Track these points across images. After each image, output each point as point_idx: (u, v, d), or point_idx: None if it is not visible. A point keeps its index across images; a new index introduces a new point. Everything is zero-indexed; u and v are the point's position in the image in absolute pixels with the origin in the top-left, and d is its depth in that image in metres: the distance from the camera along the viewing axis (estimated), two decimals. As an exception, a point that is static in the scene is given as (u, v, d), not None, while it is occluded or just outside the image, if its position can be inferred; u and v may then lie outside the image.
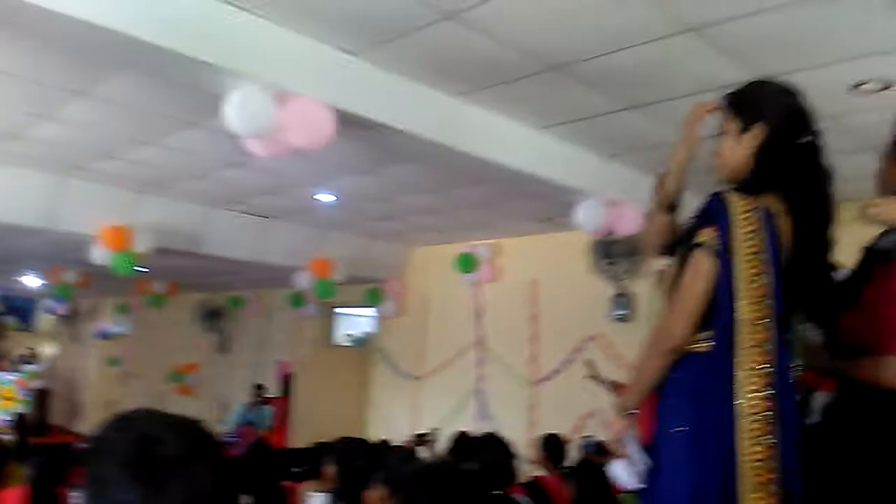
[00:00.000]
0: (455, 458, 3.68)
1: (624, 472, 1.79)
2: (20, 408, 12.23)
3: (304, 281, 7.26)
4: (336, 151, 3.89)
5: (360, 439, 4.98)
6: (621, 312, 6.19)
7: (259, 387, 8.47)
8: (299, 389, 8.49)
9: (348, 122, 3.29)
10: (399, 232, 7.30)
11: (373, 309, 8.36)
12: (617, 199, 4.67)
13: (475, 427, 6.25)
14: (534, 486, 3.54)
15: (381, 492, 3.00)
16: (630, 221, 4.71)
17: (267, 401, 8.47)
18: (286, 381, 8.80)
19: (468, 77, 3.51)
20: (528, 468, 4.44)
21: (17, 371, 13.36)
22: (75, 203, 5.75)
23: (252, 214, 6.70)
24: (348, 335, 10.05)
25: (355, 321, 10.09)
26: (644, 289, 5.96)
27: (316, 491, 4.08)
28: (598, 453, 4.64)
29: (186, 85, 3.22)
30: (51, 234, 6.06)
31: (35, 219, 5.69)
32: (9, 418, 11.19)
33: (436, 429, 6.49)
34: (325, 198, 5.94)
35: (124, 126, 4.37)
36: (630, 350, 5.44)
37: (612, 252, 6.19)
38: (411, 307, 8.01)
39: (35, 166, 5.40)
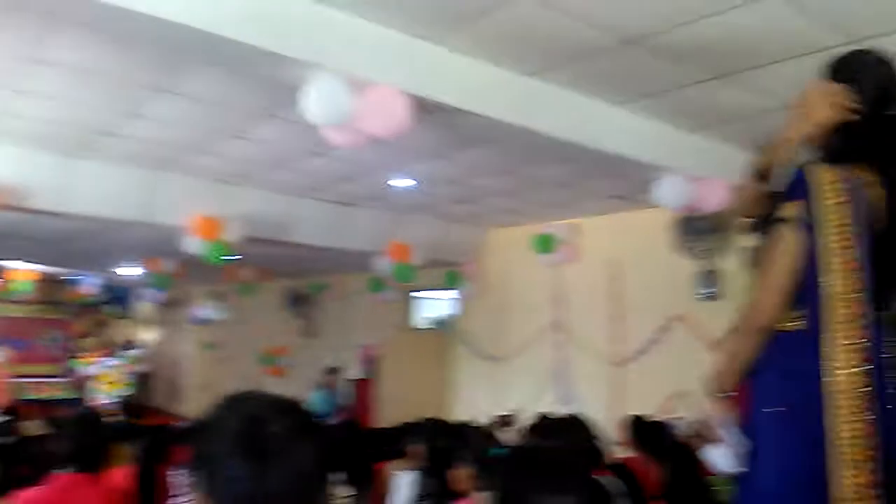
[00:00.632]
0: (538, 439, 3.69)
1: (721, 456, 1.76)
2: (125, 391, 13.05)
3: (383, 266, 7.39)
4: (413, 137, 3.92)
5: (444, 420, 5.06)
6: (708, 291, 6.01)
7: (332, 370, 8.63)
8: (383, 371, 8.68)
9: (424, 108, 3.32)
10: (476, 214, 7.32)
11: (452, 292, 8.43)
12: (700, 175, 4.52)
13: (557, 408, 6.24)
14: (621, 469, 3.51)
15: (469, 471, 3.05)
16: (715, 197, 4.56)
17: (333, 384, 8.61)
18: (370, 365, 9.01)
19: (543, 56, 3.47)
20: (615, 450, 4.40)
21: (120, 356, 14.23)
22: (169, 196, 6.04)
23: (334, 202, 6.86)
24: (428, 318, 10.17)
25: (434, 304, 10.20)
26: (732, 266, 5.76)
27: (402, 469, 4.18)
28: (690, 436, 4.55)
29: (267, 78, 3.32)
30: (147, 227, 6.39)
31: (132, 212, 6.01)
32: (115, 400, 11.96)
33: (517, 410, 6.51)
34: (404, 183, 6.02)
35: (210, 121, 4.55)
36: (718, 330, 5.29)
37: (697, 229, 6.00)
38: (490, 289, 8.03)
39: (130, 162, 5.70)
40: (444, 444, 4.32)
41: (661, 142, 4.39)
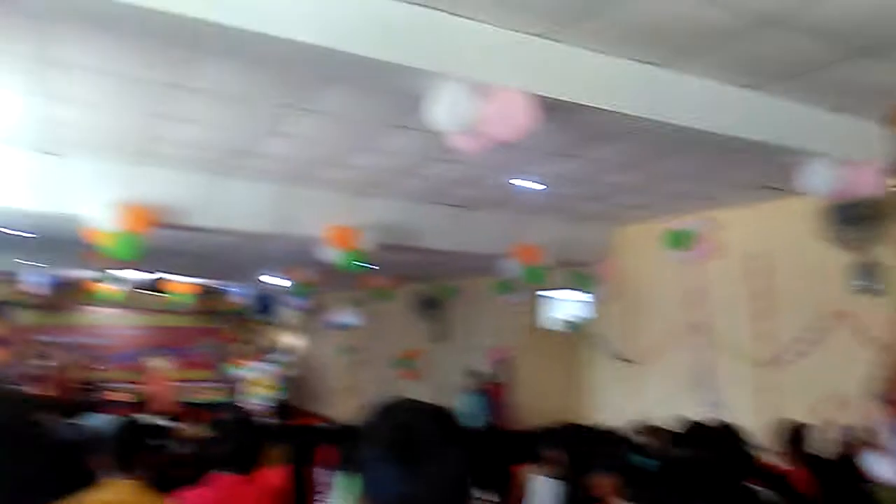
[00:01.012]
0: (687, 447, 3.53)
1: (884, 464, 1.60)
2: (275, 394, 13.86)
3: (511, 268, 7.37)
4: (538, 137, 3.88)
5: (584, 425, 4.96)
6: (865, 284, 5.50)
7: (476, 374, 8.61)
8: (515, 375, 8.67)
9: (549, 108, 3.28)
10: (605, 212, 7.14)
11: (582, 292, 8.27)
12: (850, 158, 4.15)
13: (700, 413, 5.95)
14: (776, 478, 3.28)
15: (610, 479, 2.96)
16: (867, 181, 4.17)
17: (482, 388, 8.60)
18: (500, 367, 9.02)
19: (672, 44, 3.32)
20: (766, 457, 4.13)
21: (269, 361, 15.12)
22: (305, 209, 6.36)
23: (459, 206, 6.94)
24: (559, 320, 10.03)
25: (565, 305, 10.04)
26: (893, 257, 5.25)
27: (540, 474, 4.14)
28: (849, 443, 4.19)
29: (394, 90, 3.41)
30: (286, 239, 6.77)
31: (271, 225, 6.38)
32: (266, 403, 12.73)
33: (656, 414, 6.27)
34: (529, 184, 5.98)
35: (341, 135, 4.74)
36: (880, 327, 4.83)
37: (851, 217, 5.51)
38: (623, 289, 7.81)
39: (268, 178, 6.06)
40: (583, 450, 4.24)
41: (804, 125, 4.07)
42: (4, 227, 7.29)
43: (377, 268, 9.20)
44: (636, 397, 7.41)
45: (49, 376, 12.99)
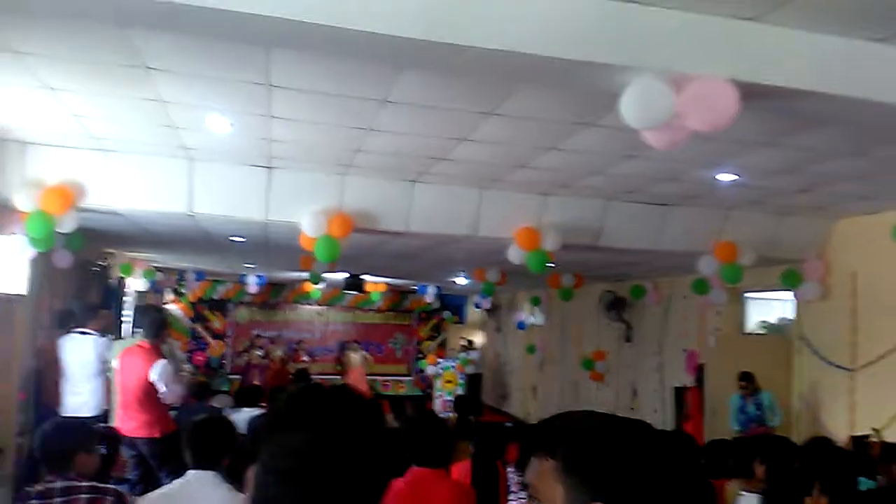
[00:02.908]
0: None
1: None
2: (458, 390, 14.28)
3: (708, 266, 6.96)
4: (737, 127, 3.63)
5: (790, 439, 4.56)
6: None
7: (746, 376, 7.38)
8: (711, 379, 8.17)
9: (750, 94, 3.05)
10: (816, 205, 6.49)
11: (790, 292, 7.59)
12: None
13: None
14: None
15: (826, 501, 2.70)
16: None
17: (757, 389, 7.36)
18: (697, 372, 8.56)
19: (890, 15, 2.94)
20: None
21: (456, 358, 15.61)
22: (493, 211, 6.47)
23: (650, 203, 6.68)
24: (762, 322, 9.31)
25: (769, 306, 9.30)
26: None
27: (746, 490, 3.87)
28: None
29: (584, 88, 3.35)
30: (474, 240, 6.93)
31: (462, 228, 6.56)
32: (452, 399, 13.14)
33: (878, 429, 5.62)
34: (728, 177, 5.60)
35: (529, 137, 4.75)
36: None
37: None
38: (836, 288, 7.05)
39: (459, 182, 6.23)
40: (792, 465, 3.90)
41: None
42: (230, 235, 8.21)
43: (559, 267, 9.13)
44: (854, 409, 6.66)
45: (263, 367, 14.40)
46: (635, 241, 6.93)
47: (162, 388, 5.54)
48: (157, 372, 5.56)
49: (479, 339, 18.17)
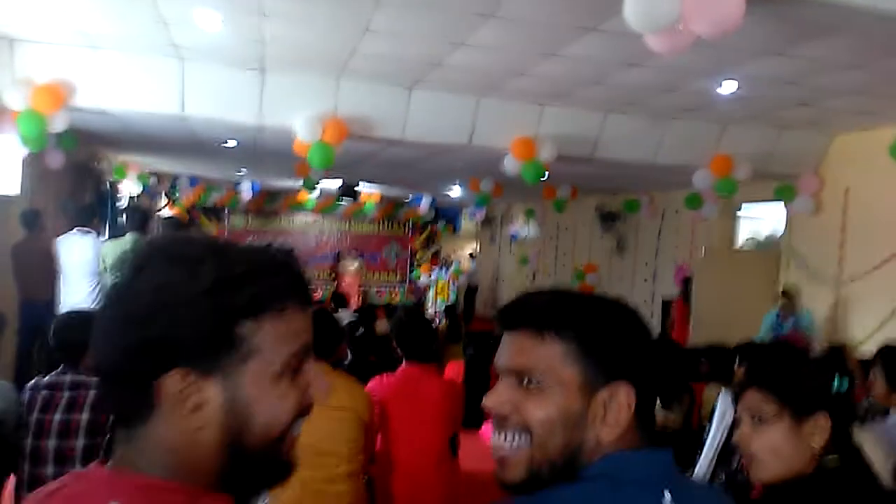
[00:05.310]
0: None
1: None
2: (451, 299, 14.53)
3: (702, 180, 6.97)
4: (740, 34, 3.56)
5: (776, 342, 4.72)
6: None
7: (786, 292, 7.12)
8: (699, 292, 8.32)
9: (756, 0, 2.98)
10: (815, 119, 6.44)
11: (781, 207, 7.64)
12: None
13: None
14: None
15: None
16: None
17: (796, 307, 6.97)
18: (685, 284, 8.71)
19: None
20: None
21: (448, 268, 15.78)
22: (489, 120, 6.40)
23: (648, 115, 6.61)
24: (752, 237, 9.41)
25: (760, 222, 9.38)
26: None
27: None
28: None
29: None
30: (470, 150, 6.89)
31: (456, 136, 6.51)
32: (444, 307, 13.39)
33: (860, 340, 5.80)
34: (727, 88, 5.53)
35: (528, 42, 4.65)
36: None
37: None
38: (828, 203, 7.10)
39: (455, 90, 6.13)
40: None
41: None
42: (223, 139, 8.12)
43: (554, 179, 9.13)
44: (838, 322, 6.86)
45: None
46: (632, 154, 6.91)
47: None
48: None
49: (473, 250, 18.33)
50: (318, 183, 10.69)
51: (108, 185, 9.89)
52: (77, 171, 8.61)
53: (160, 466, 0.74)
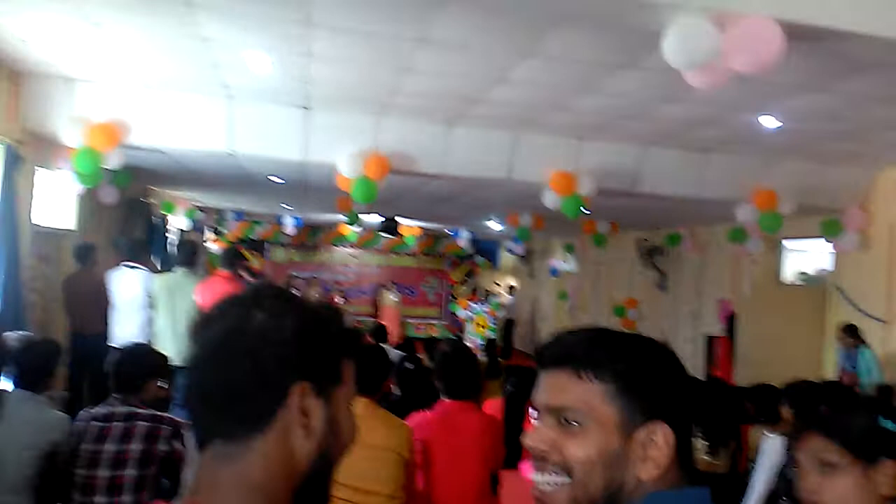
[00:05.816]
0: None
1: None
2: (489, 334, 14.45)
3: (745, 214, 6.88)
4: (781, 69, 3.56)
5: (824, 382, 4.58)
6: None
7: (849, 329, 6.79)
8: (743, 329, 8.16)
9: (796, 35, 2.98)
10: (860, 153, 6.33)
11: (828, 242, 7.48)
12: None
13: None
14: None
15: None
16: None
17: (857, 344, 6.71)
18: (729, 321, 8.55)
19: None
20: None
21: (487, 303, 15.75)
22: (528, 154, 6.44)
23: (689, 149, 6.58)
24: (799, 272, 9.21)
25: (806, 256, 9.18)
26: None
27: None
28: None
29: (624, 28, 3.31)
30: (509, 184, 6.93)
31: (496, 171, 6.56)
32: (481, 342, 13.33)
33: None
34: (769, 122, 5.49)
35: (567, 78, 4.70)
36: None
37: None
38: (875, 239, 6.93)
39: (495, 125, 6.21)
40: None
41: None
42: (269, 175, 8.33)
43: (594, 213, 9.10)
44: (883, 361, 6.63)
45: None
46: (673, 188, 6.86)
47: None
48: None
49: (513, 284, 18.28)
50: (360, 217, 10.84)
51: (157, 220, 10.20)
52: (128, 206, 8.90)
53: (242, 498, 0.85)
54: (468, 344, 14.25)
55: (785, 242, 8.77)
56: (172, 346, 5.75)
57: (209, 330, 0.89)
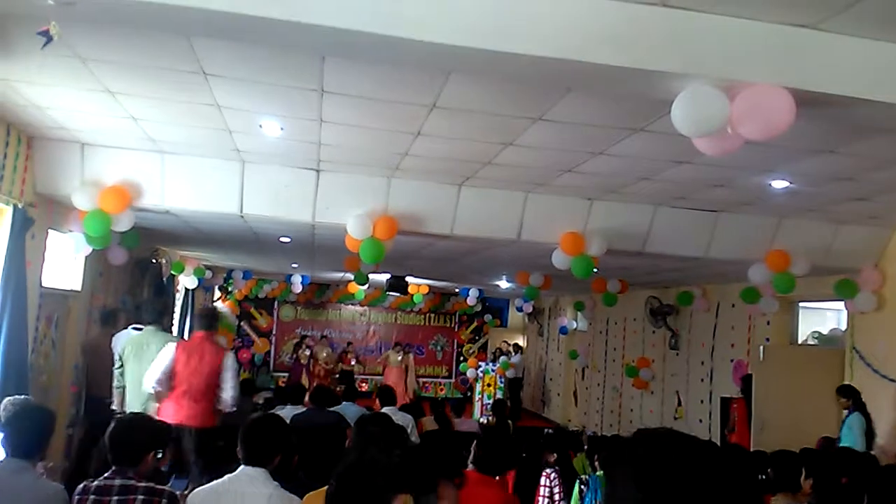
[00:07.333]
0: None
1: None
2: (499, 394, 14.23)
3: (758, 275, 6.81)
4: (792, 134, 3.56)
5: (844, 450, 4.44)
6: None
7: (840, 389, 6.71)
8: (759, 391, 7.97)
9: (805, 102, 2.99)
10: (872, 213, 6.30)
11: (843, 303, 7.37)
12: None
13: None
14: None
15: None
16: None
17: (850, 406, 6.58)
18: (744, 382, 8.36)
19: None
20: None
21: (496, 362, 15.57)
22: (538, 215, 6.44)
23: (699, 209, 6.57)
24: (815, 333, 9.06)
25: (821, 316, 9.05)
26: None
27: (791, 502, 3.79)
28: None
29: (634, 95, 3.32)
30: (518, 245, 6.91)
31: (505, 232, 6.56)
32: (489, 402, 13.12)
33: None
34: (780, 184, 5.48)
35: (576, 142, 4.73)
36: None
37: None
38: (891, 299, 6.83)
39: (504, 186, 6.23)
40: (842, 481, 3.80)
41: None
42: (280, 236, 8.36)
43: (604, 272, 9.04)
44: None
45: (307, 366, 14.60)
46: (683, 248, 6.82)
47: (228, 380, 5.56)
48: (230, 361, 5.66)
49: (521, 343, 18.10)
50: (367, 276, 10.83)
51: (166, 280, 10.21)
52: (137, 266, 8.93)
53: None
54: (476, 405, 14.01)
55: (799, 303, 8.66)
56: (137, 402, 5.65)
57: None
